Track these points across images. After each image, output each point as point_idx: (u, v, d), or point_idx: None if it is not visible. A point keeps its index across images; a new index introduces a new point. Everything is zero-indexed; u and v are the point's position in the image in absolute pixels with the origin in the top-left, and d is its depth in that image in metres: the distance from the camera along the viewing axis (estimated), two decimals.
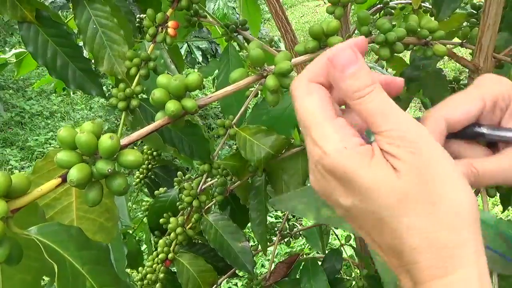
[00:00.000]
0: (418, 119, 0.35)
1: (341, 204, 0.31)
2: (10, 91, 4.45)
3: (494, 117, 0.36)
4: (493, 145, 0.37)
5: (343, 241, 1.26)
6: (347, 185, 0.30)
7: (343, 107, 0.36)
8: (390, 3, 1.24)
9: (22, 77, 4.54)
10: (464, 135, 0.36)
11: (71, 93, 3.91)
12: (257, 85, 0.53)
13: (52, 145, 3.92)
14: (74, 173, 0.37)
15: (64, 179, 0.38)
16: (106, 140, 0.38)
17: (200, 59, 3.81)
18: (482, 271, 0.28)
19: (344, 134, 0.30)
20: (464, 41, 0.74)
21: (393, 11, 1.23)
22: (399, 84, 0.35)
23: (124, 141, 0.42)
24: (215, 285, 1.04)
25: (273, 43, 0.98)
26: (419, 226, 0.28)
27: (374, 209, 0.29)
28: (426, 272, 0.28)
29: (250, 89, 0.85)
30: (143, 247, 2.04)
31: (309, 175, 0.33)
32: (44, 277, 0.44)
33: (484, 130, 0.35)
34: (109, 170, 0.38)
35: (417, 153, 0.28)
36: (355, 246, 1.33)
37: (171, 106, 0.44)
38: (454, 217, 0.28)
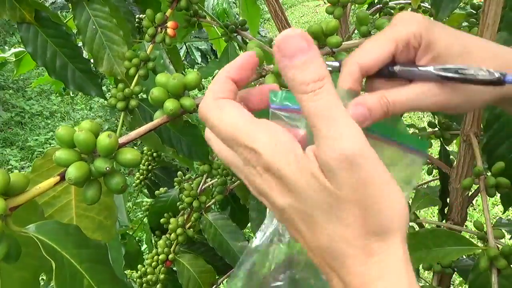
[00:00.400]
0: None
1: (277, 205, 0.30)
2: (10, 91, 4.45)
3: (409, 55, 0.37)
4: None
5: None
6: (282, 183, 0.29)
7: None
8: (390, 3, 1.24)
9: (22, 77, 4.54)
10: (382, 74, 0.38)
11: (71, 93, 3.91)
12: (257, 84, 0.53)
13: (52, 145, 3.92)
14: (72, 171, 0.37)
15: (63, 177, 0.38)
16: (104, 139, 0.38)
17: (199, 60, 3.81)
18: (411, 279, 0.29)
19: (273, 132, 0.30)
20: None
21: (392, 11, 1.23)
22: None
23: (122, 139, 0.43)
24: (215, 285, 1.05)
25: (272, 43, 0.98)
26: (350, 234, 0.29)
27: (307, 209, 0.29)
28: (357, 279, 0.29)
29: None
30: (143, 247, 2.04)
31: (244, 182, 0.33)
32: (43, 277, 0.44)
33: (396, 69, 0.37)
34: (107, 168, 0.38)
35: (353, 172, 0.28)
36: None
37: (170, 104, 0.44)
38: (385, 225, 0.29)
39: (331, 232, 0.29)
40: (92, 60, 0.86)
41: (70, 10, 0.86)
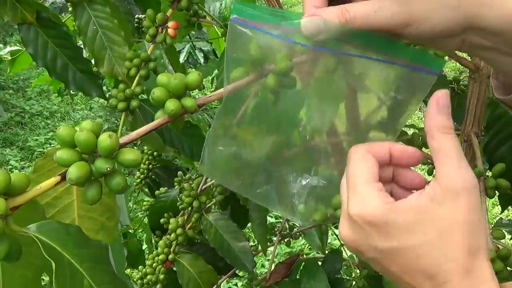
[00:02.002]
0: None
1: (377, 248, 0.36)
2: (10, 91, 4.44)
3: None
4: None
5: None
6: (386, 232, 0.36)
7: None
8: None
9: (22, 77, 4.54)
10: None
11: (71, 91, 3.90)
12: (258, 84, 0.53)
13: (52, 145, 3.92)
14: (73, 171, 0.37)
15: (64, 177, 0.38)
16: (105, 139, 0.38)
17: (202, 61, 3.80)
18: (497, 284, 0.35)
19: (383, 195, 0.37)
20: None
21: None
22: (412, 154, 0.40)
23: (123, 140, 0.42)
24: (215, 286, 1.04)
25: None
26: (453, 255, 0.34)
27: (414, 244, 0.35)
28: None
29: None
30: (144, 247, 2.04)
31: (340, 227, 0.39)
32: (44, 277, 0.44)
33: None
34: (108, 169, 0.38)
35: (471, 197, 0.35)
36: None
37: (171, 105, 0.44)
38: (481, 248, 0.35)
39: (440, 255, 0.35)
40: (93, 61, 0.86)
41: (70, 11, 0.86)
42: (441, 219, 0.35)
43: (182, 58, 2.92)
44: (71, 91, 0.92)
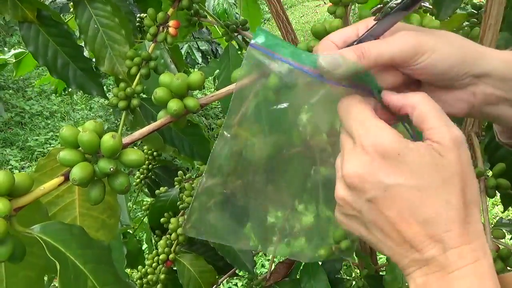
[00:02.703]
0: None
1: (382, 183, 0.36)
2: (10, 91, 4.44)
3: None
4: None
5: None
6: (395, 166, 0.36)
7: None
8: (390, 3, 1.24)
9: (22, 77, 4.53)
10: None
11: (70, 90, 3.90)
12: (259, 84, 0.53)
13: (52, 145, 3.92)
14: (77, 172, 0.37)
15: (67, 178, 0.38)
16: (108, 139, 0.38)
17: (200, 60, 3.81)
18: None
19: (394, 130, 0.37)
20: None
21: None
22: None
23: (126, 140, 0.43)
24: (215, 285, 1.05)
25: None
26: (455, 203, 0.35)
27: (419, 185, 0.35)
28: (457, 239, 0.35)
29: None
30: (143, 246, 2.04)
31: (348, 162, 0.38)
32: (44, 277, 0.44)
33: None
34: (112, 169, 0.38)
35: (462, 151, 0.36)
36: None
37: (173, 105, 0.44)
38: (475, 202, 0.36)
39: (443, 202, 0.35)
40: (93, 59, 0.86)
41: (71, 10, 0.86)
42: (445, 168, 0.36)
43: None
44: (72, 89, 0.92)
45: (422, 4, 1.14)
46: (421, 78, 0.41)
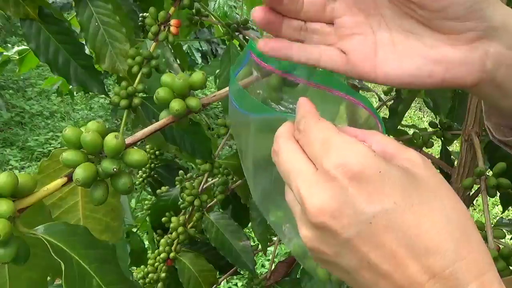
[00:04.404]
0: None
1: (363, 214, 0.28)
2: (10, 91, 4.43)
3: None
4: None
5: None
6: (377, 188, 0.28)
7: None
8: None
9: (22, 77, 4.53)
10: None
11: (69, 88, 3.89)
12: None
13: (52, 145, 3.92)
14: (80, 172, 0.37)
15: (70, 178, 0.38)
16: (111, 140, 0.38)
17: (199, 60, 3.81)
18: None
19: (363, 145, 0.30)
20: None
21: None
22: None
23: (128, 140, 0.43)
24: (215, 285, 1.05)
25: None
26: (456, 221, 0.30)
27: (418, 201, 0.29)
28: (473, 270, 0.28)
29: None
30: (146, 245, 2.04)
31: (312, 196, 0.30)
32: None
33: None
34: (115, 169, 0.38)
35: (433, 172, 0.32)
36: None
37: (176, 105, 0.44)
38: (467, 224, 0.30)
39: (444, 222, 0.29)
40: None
41: (72, 8, 0.86)
42: (431, 184, 0.30)
43: None
44: (73, 86, 0.92)
45: None
46: (422, 12, 0.33)
